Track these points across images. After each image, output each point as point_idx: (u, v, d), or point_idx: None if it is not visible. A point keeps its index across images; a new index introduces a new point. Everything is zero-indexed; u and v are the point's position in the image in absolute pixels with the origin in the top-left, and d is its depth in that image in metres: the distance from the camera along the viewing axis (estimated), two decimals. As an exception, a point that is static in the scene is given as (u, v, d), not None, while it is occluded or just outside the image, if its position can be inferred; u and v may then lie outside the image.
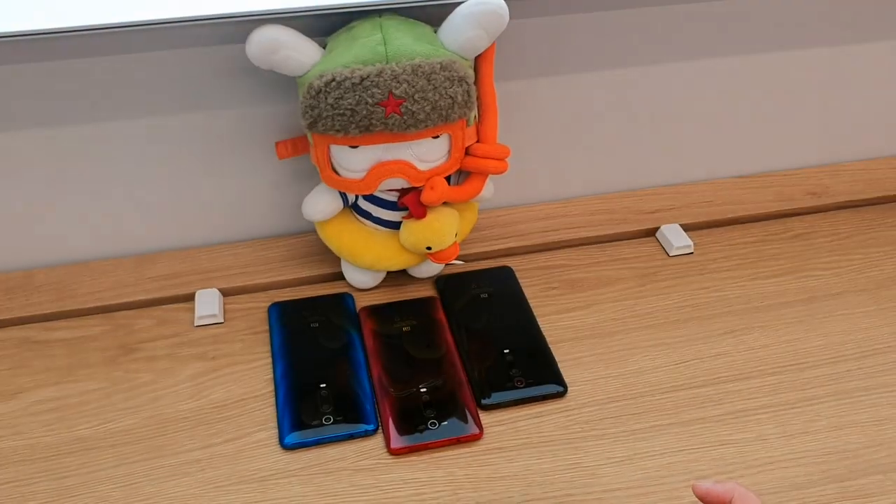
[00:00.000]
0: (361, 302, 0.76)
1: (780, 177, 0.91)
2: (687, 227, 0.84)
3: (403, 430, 0.64)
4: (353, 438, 0.64)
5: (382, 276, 0.77)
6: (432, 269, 0.77)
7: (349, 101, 0.61)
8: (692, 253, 0.82)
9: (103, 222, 0.78)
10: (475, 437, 0.64)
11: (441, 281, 0.78)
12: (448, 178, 0.71)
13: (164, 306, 0.76)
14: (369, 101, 0.61)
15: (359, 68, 0.61)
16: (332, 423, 0.64)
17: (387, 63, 0.61)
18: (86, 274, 0.78)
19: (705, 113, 0.85)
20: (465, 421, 0.64)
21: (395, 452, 0.63)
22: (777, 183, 0.90)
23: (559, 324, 0.74)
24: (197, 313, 0.74)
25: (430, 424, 0.64)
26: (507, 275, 0.78)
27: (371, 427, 0.64)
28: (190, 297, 0.76)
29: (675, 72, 0.81)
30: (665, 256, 0.82)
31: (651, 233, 0.84)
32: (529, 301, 0.76)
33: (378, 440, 0.64)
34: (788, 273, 0.79)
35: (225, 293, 0.77)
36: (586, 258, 0.81)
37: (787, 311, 0.75)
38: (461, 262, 0.80)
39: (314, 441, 0.63)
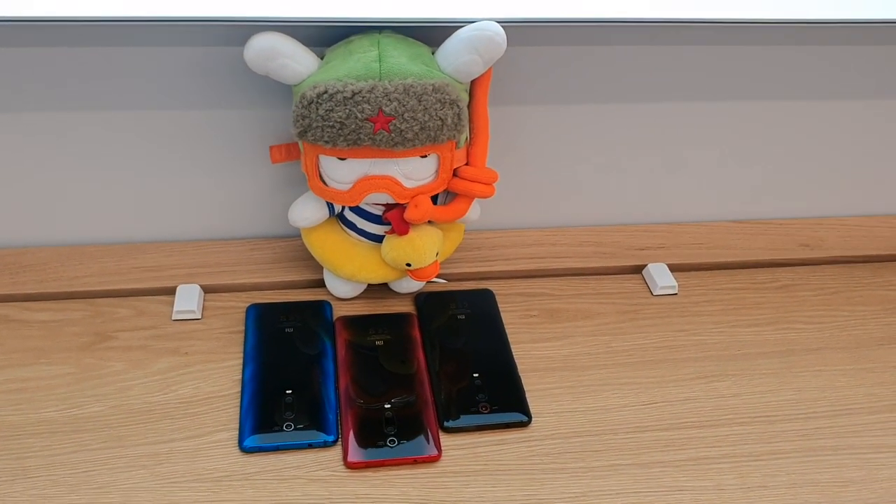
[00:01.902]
0: (340, 311, 0.76)
1: (775, 225, 0.91)
2: (674, 268, 0.84)
3: (363, 443, 0.64)
4: (312, 448, 0.64)
5: (363, 287, 0.78)
6: (413, 285, 0.78)
7: (339, 114, 0.62)
8: (676, 294, 0.82)
9: (97, 209, 0.79)
10: (433, 459, 0.64)
11: (421, 298, 0.78)
12: (435, 198, 0.72)
13: (145, 297, 0.77)
14: (359, 115, 0.62)
15: (351, 83, 0.62)
16: (292, 430, 0.64)
17: (379, 80, 0.62)
18: (74, 258, 0.79)
19: (704, 154, 0.85)
20: (426, 441, 0.65)
21: (351, 466, 0.63)
22: (771, 231, 0.90)
23: (533, 352, 0.74)
24: (175, 307, 0.74)
25: (390, 441, 0.64)
26: (487, 298, 0.79)
27: (330, 438, 0.64)
28: (171, 291, 0.77)
29: (676, 111, 0.81)
30: (648, 295, 0.82)
31: (638, 269, 0.84)
32: (506, 327, 0.76)
33: (336, 452, 0.64)
34: (769, 324, 0.79)
35: (207, 290, 0.78)
36: (569, 289, 0.81)
37: (762, 362, 0.75)
38: (443, 281, 0.80)
39: (272, 446, 0.64)
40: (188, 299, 0.75)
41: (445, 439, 0.66)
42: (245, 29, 0.65)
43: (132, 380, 0.69)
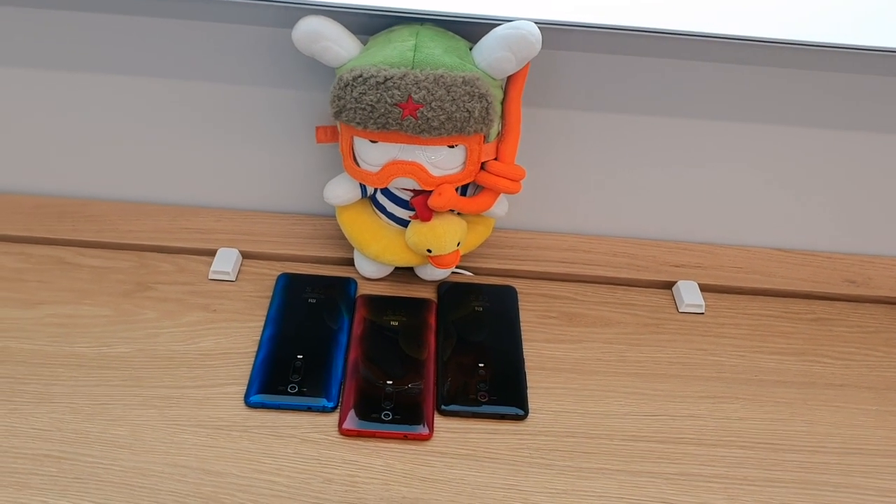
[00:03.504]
0: (364, 290, 0.79)
1: (822, 258, 0.88)
2: (707, 288, 0.83)
3: (359, 414, 0.67)
4: (311, 411, 0.67)
5: (389, 269, 0.80)
6: (437, 273, 0.80)
7: (371, 97, 0.65)
8: (703, 313, 0.81)
9: (158, 171, 0.85)
10: (423, 437, 0.66)
11: (444, 287, 0.80)
12: (465, 189, 0.74)
13: (188, 255, 0.82)
14: (389, 100, 0.65)
15: (385, 69, 0.65)
16: (295, 393, 0.68)
17: (412, 68, 0.65)
18: (132, 213, 0.85)
19: (755, 178, 0.84)
20: (419, 420, 0.67)
21: (344, 433, 0.66)
22: (816, 263, 0.87)
23: (544, 352, 0.75)
24: (212, 267, 0.79)
25: (384, 415, 0.66)
26: (509, 294, 0.80)
27: (330, 404, 0.67)
28: (213, 253, 0.81)
29: (727, 132, 0.80)
30: (674, 311, 0.81)
31: (669, 285, 0.84)
32: (522, 324, 0.77)
33: (333, 418, 0.67)
34: (795, 354, 0.77)
35: (246, 256, 0.82)
36: (593, 296, 0.82)
37: (778, 391, 0.73)
38: (469, 273, 0.82)
39: (275, 405, 0.67)
40: (225, 262, 0.80)
41: (440, 422, 0.68)
42: (300, 11, 0.69)
43: (161, 328, 0.74)
